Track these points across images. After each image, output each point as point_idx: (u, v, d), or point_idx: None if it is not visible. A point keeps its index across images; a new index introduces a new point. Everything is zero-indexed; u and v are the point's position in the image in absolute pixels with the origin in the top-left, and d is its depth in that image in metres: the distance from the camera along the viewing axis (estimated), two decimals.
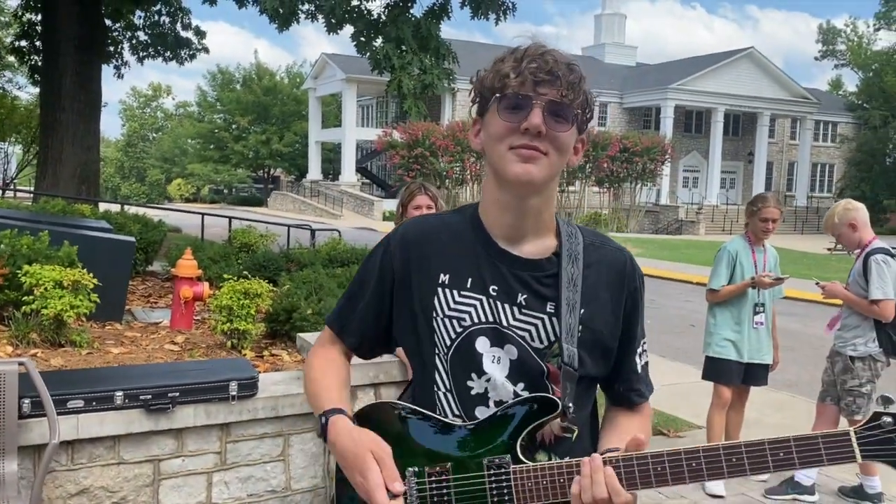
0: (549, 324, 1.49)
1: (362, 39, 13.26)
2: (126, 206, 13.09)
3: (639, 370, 1.61)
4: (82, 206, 10.54)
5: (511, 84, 1.41)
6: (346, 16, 13.14)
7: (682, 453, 1.31)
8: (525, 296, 1.49)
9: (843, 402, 4.56)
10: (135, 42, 17.66)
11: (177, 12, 17.37)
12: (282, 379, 3.53)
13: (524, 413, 1.43)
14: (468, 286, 1.51)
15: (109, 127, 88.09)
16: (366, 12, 13.38)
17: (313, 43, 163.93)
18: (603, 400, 1.69)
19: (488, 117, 1.46)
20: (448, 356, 1.51)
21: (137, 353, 4.23)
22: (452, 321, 1.50)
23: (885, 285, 4.36)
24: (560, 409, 1.41)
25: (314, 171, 48.28)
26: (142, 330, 4.93)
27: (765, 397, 6.39)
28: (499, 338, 1.49)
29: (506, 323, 1.49)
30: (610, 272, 1.56)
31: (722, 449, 1.30)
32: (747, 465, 1.29)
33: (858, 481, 4.66)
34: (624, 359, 1.59)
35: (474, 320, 1.49)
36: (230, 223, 12.46)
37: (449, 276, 1.52)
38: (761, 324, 4.84)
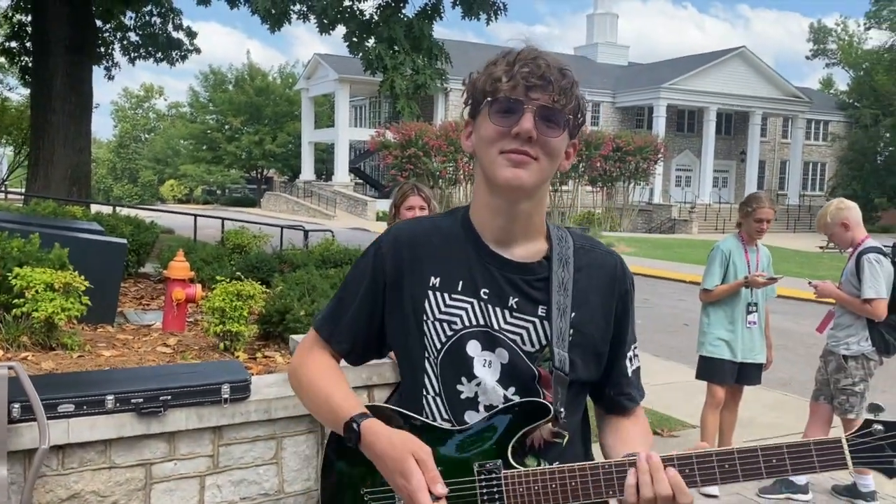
0: (540, 327, 1.48)
1: (355, 40, 13.25)
2: (118, 208, 13.02)
3: (629, 374, 1.60)
4: (74, 208, 10.52)
5: (503, 88, 1.39)
6: (339, 16, 13.14)
7: (675, 459, 1.32)
8: (516, 299, 1.48)
9: (837, 401, 4.57)
10: (126, 43, 17.63)
11: (168, 13, 17.34)
12: (275, 381, 3.51)
13: (515, 418, 1.41)
14: (459, 289, 1.49)
15: (101, 128, 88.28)
16: (358, 12, 13.38)
17: (306, 43, 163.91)
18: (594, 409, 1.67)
19: (480, 120, 1.45)
20: (438, 360, 1.49)
21: (129, 355, 4.21)
22: (443, 324, 1.49)
23: (878, 284, 4.37)
24: (552, 413, 1.40)
25: (307, 172, 48.19)
26: (134, 332, 4.91)
27: (758, 396, 6.41)
28: (490, 341, 1.47)
29: (497, 326, 1.47)
30: (600, 276, 1.55)
31: (715, 455, 1.32)
32: (740, 472, 1.31)
33: (852, 480, 4.68)
34: (615, 363, 1.58)
35: (465, 323, 1.48)
36: (223, 224, 12.41)
37: (440, 278, 1.51)
38: (754, 323, 4.85)
